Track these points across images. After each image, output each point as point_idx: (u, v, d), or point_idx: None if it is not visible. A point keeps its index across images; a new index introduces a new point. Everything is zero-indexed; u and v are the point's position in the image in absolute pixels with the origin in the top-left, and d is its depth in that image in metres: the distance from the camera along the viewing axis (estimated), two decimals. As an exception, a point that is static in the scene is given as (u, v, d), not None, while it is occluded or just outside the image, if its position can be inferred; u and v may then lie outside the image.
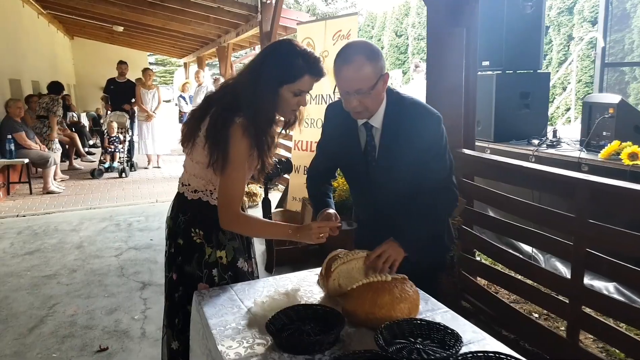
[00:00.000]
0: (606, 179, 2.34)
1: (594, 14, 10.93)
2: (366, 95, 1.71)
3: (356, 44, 1.75)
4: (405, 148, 1.81)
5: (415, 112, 1.83)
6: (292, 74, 1.69)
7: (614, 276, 2.46)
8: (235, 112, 1.68)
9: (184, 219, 1.86)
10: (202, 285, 1.83)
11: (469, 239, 3.29)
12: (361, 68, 1.67)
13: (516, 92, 4.43)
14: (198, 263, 1.84)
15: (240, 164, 1.69)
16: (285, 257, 4.47)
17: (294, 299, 1.59)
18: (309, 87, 1.74)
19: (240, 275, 1.89)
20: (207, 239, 1.84)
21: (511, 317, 2.98)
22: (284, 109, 1.77)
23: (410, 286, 1.54)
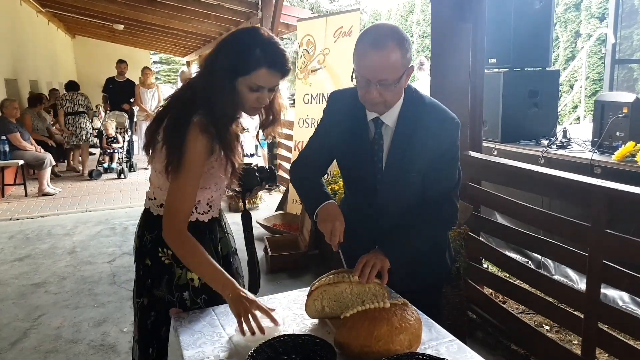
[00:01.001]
0: (625, 186, 2.16)
1: (602, 10, 10.70)
2: (389, 87, 1.52)
3: (388, 26, 1.54)
4: (419, 151, 1.63)
5: (435, 114, 1.65)
6: (246, 65, 1.50)
7: (635, 291, 2.27)
8: (193, 110, 1.51)
9: (150, 237, 1.69)
10: (175, 310, 1.65)
11: (475, 247, 3.12)
12: (391, 56, 1.47)
13: (524, 90, 4.25)
14: (168, 286, 1.66)
15: (195, 166, 1.51)
16: (282, 263, 4.30)
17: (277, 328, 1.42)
18: (267, 82, 1.53)
19: (217, 298, 1.66)
20: (176, 259, 1.64)
21: (521, 329, 2.81)
22: (243, 105, 1.58)
23: (411, 313, 1.37)
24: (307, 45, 5.31)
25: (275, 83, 1.57)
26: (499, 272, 3.27)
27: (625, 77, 9.55)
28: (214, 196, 1.74)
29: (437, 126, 1.63)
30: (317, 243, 4.45)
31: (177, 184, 1.52)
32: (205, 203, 1.72)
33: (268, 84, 1.54)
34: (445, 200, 1.71)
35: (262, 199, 6.64)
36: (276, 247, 4.49)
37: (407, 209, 1.72)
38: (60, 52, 14.71)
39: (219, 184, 1.70)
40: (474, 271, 3.13)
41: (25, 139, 7.19)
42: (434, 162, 1.64)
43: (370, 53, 1.48)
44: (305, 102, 5.43)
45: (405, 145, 1.64)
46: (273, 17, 7.11)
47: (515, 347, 2.89)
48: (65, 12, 11.65)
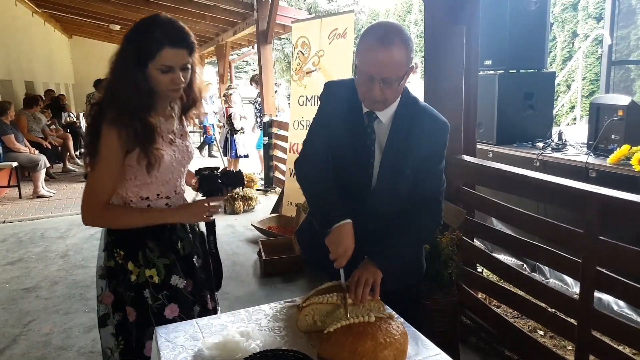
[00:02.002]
0: (618, 192, 2.12)
1: (599, 10, 10.68)
2: (392, 85, 1.51)
3: (393, 24, 1.54)
4: (412, 151, 1.64)
5: (428, 116, 1.68)
6: (149, 49, 1.53)
7: (629, 299, 2.24)
8: (108, 105, 1.56)
9: (110, 239, 1.72)
10: (129, 309, 1.68)
11: (469, 252, 3.09)
12: (398, 53, 1.47)
13: (520, 92, 4.22)
14: (123, 285, 1.70)
15: (109, 157, 1.57)
16: (276, 267, 4.26)
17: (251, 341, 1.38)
18: (174, 60, 1.56)
19: (178, 294, 1.72)
20: (131, 258, 1.68)
21: (514, 335, 2.78)
22: (159, 89, 1.61)
23: (397, 327, 1.34)
24: (302, 47, 5.28)
25: (183, 60, 1.58)
26: (493, 277, 3.24)
27: (622, 78, 9.54)
28: (164, 191, 1.74)
29: (430, 128, 1.65)
30: (311, 246, 4.41)
31: (92, 175, 1.60)
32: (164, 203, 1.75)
33: (177, 63, 1.56)
34: (432, 201, 1.72)
35: (257, 201, 6.60)
36: (270, 251, 4.45)
37: (398, 209, 1.72)
38: (57, 53, 14.67)
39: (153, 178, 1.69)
40: (468, 276, 3.10)
41: (19, 141, 7.15)
42: (424, 162, 1.66)
43: (377, 48, 1.46)
44: (300, 104, 5.40)
45: (400, 144, 1.65)
46: (269, 17, 7.08)
47: (509, 352, 2.86)
48: (61, 13, 11.61)
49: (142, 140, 1.58)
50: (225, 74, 12.38)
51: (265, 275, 4.23)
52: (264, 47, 7.41)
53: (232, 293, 3.92)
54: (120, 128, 1.53)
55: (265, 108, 7.50)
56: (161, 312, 1.69)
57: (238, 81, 11.93)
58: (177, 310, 1.72)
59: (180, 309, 1.72)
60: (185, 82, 1.63)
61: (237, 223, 5.85)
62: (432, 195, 1.72)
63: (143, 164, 1.62)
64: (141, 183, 1.68)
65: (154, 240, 1.72)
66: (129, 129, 1.55)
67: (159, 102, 1.68)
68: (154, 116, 1.65)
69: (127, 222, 1.67)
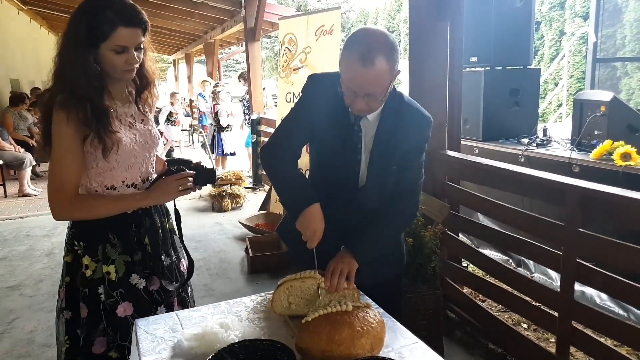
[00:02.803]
0: (599, 185, 2.15)
1: (586, 9, 10.79)
2: (375, 98, 1.51)
3: (378, 38, 1.45)
4: (398, 146, 1.65)
5: (413, 111, 1.68)
6: (102, 30, 1.47)
7: (608, 290, 2.27)
8: (58, 90, 1.52)
9: (71, 232, 1.67)
10: (81, 305, 1.63)
11: (454, 246, 3.11)
12: (381, 72, 1.43)
13: (505, 89, 4.25)
14: (80, 280, 1.63)
15: (64, 143, 1.51)
16: (263, 264, 4.26)
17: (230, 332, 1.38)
18: (129, 40, 1.51)
19: (135, 293, 1.66)
20: (89, 252, 1.62)
21: (498, 328, 2.81)
22: (114, 71, 1.55)
23: (374, 315, 1.34)
24: (289, 44, 5.27)
25: (138, 40, 1.54)
26: (477, 272, 3.26)
27: (608, 76, 9.63)
28: (128, 177, 1.68)
29: (415, 123, 1.66)
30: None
31: (52, 164, 1.54)
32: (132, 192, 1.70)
33: (131, 43, 1.53)
34: (409, 193, 1.73)
35: (245, 198, 6.59)
36: (257, 248, 4.45)
37: (377, 200, 1.72)
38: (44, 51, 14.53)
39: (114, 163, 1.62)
40: (453, 270, 3.12)
41: (4, 139, 7.08)
42: (406, 156, 1.67)
43: (358, 68, 1.43)
44: (287, 101, 5.39)
45: (388, 140, 1.65)
46: (257, 15, 7.07)
47: (493, 345, 2.88)
48: (47, 10, 11.51)
49: (95, 123, 1.52)
50: (214, 72, 12.35)
51: (252, 272, 4.23)
52: (252, 44, 7.39)
53: (219, 290, 3.91)
54: (69, 111, 1.48)
55: (254, 105, 7.48)
56: (113, 310, 1.63)
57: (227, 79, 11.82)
58: (130, 309, 1.66)
59: (135, 309, 1.66)
60: (139, 62, 1.59)
61: (224, 221, 5.85)
62: (409, 187, 1.73)
63: (99, 149, 1.55)
64: (103, 170, 1.61)
65: (117, 234, 1.65)
66: (79, 112, 1.49)
67: (113, 84, 1.63)
68: (109, 100, 1.60)
69: (100, 211, 1.60)
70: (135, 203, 1.65)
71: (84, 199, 1.60)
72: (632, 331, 2.11)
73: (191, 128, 13.50)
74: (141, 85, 1.71)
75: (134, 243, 1.69)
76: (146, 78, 1.70)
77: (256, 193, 7.25)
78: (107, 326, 1.63)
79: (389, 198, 1.72)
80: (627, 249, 2.01)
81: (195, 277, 4.12)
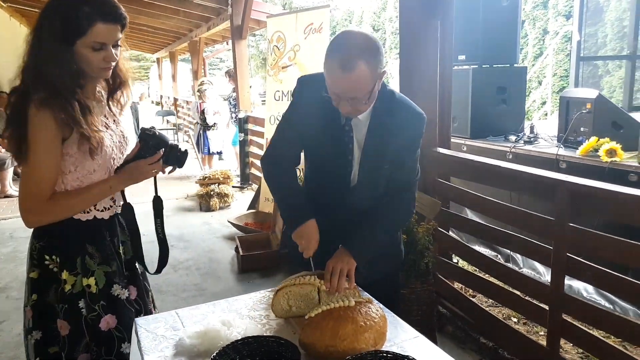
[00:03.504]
0: (588, 180, 2.20)
1: (569, 8, 10.93)
2: (360, 101, 1.50)
3: (355, 39, 1.46)
4: (390, 144, 1.65)
5: (405, 108, 1.68)
6: (79, 25, 1.40)
7: (597, 283, 2.32)
8: (34, 88, 1.42)
9: (38, 245, 1.54)
10: (60, 322, 1.53)
11: (445, 242, 3.14)
12: (362, 76, 1.43)
13: (493, 86, 4.31)
14: (56, 296, 1.53)
15: (46, 143, 1.42)
16: (253, 263, 4.26)
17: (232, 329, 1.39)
18: (107, 37, 1.45)
19: (118, 305, 1.60)
20: (67, 266, 1.53)
21: (489, 323, 2.84)
22: (90, 68, 1.48)
23: (376, 310, 1.36)
24: (278, 42, 5.27)
25: (116, 36, 1.48)
26: (468, 267, 3.30)
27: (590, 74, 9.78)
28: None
29: (407, 120, 1.66)
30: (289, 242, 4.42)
31: (28, 167, 1.44)
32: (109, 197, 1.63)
33: (109, 39, 1.46)
34: (406, 191, 1.74)
35: (233, 197, 6.57)
36: (247, 247, 4.45)
37: (373, 199, 1.73)
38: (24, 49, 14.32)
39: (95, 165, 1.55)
40: (444, 266, 3.16)
41: (-14, 139, 6.96)
42: (400, 154, 1.67)
43: (339, 74, 1.43)
44: (276, 99, 5.39)
45: (379, 139, 1.65)
46: (243, 13, 7.04)
47: (484, 339, 2.92)
48: (27, 7, 11.32)
49: (82, 122, 1.44)
50: (199, 70, 12.27)
51: (243, 271, 4.23)
52: (239, 42, 7.36)
53: (209, 289, 3.91)
54: (53, 109, 1.40)
55: (241, 104, 7.46)
56: (95, 324, 1.56)
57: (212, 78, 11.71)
58: (114, 321, 1.59)
59: (119, 320, 1.60)
60: (117, 59, 1.52)
61: (213, 220, 5.82)
62: (405, 185, 1.74)
63: (85, 149, 1.48)
64: (82, 175, 1.53)
65: (94, 245, 1.58)
66: (64, 111, 1.41)
67: (88, 83, 1.55)
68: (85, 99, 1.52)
69: (78, 207, 1.53)
70: (113, 188, 1.59)
71: (57, 200, 1.49)
72: (620, 322, 2.17)
73: (175, 127, 13.42)
74: (114, 85, 1.64)
75: (112, 251, 1.63)
76: (120, 77, 1.63)
77: (244, 192, 7.23)
78: (91, 341, 1.56)
79: (385, 196, 1.73)
80: (616, 242, 2.05)
81: (185, 277, 4.15)
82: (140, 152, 1.60)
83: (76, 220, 1.54)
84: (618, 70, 9.65)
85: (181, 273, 4.24)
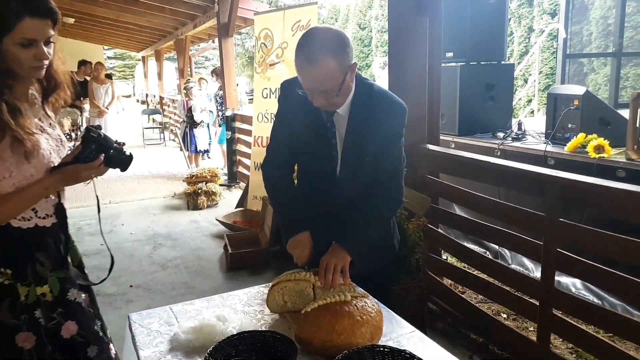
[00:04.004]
0: (577, 175, 2.22)
1: (554, 6, 11.04)
2: (332, 94, 1.54)
3: (319, 35, 1.53)
4: (371, 136, 1.67)
5: (384, 100, 1.70)
6: (6, 21, 1.31)
7: (587, 278, 2.34)
8: None
9: None
10: (24, 335, 1.42)
11: (434, 238, 3.15)
12: (326, 68, 1.48)
13: (481, 83, 4.32)
14: (12, 309, 1.42)
15: None
16: (242, 261, 4.24)
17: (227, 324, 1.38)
18: (37, 33, 1.35)
19: (76, 310, 1.51)
20: (19, 277, 1.43)
21: (479, 319, 2.86)
22: (20, 67, 1.39)
23: (372, 305, 1.36)
24: (265, 39, 5.25)
25: (47, 33, 1.39)
26: (458, 263, 3.31)
27: (575, 72, 9.90)
28: None
29: (386, 111, 1.68)
30: (278, 239, 4.41)
31: None
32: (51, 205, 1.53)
33: (40, 36, 1.37)
34: (391, 181, 1.75)
35: (221, 196, 6.54)
36: (236, 245, 4.43)
37: (360, 192, 1.74)
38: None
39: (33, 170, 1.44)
40: (433, 262, 3.17)
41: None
42: (382, 145, 1.69)
43: (306, 69, 1.50)
44: (264, 97, 5.37)
45: (359, 132, 1.68)
46: (230, 10, 7.01)
47: (474, 335, 2.94)
48: (11, 5, 11.17)
49: (10, 124, 1.35)
50: (185, 68, 12.18)
51: (232, 269, 4.21)
52: (226, 40, 7.33)
53: (198, 287, 3.88)
54: None
55: (228, 102, 7.42)
56: (57, 333, 1.47)
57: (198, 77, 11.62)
58: (75, 327, 1.51)
59: (80, 326, 1.51)
60: (50, 58, 1.43)
61: (200, 218, 5.79)
62: (391, 176, 1.75)
63: (20, 153, 1.38)
64: (19, 181, 1.42)
65: (43, 251, 1.50)
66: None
67: (18, 84, 1.45)
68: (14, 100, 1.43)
69: (10, 212, 1.42)
70: (45, 192, 1.47)
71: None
72: (609, 317, 2.19)
73: (162, 126, 13.32)
74: (49, 87, 1.55)
75: (61, 258, 1.55)
76: (55, 80, 1.54)
77: (231, 190, 7.20)
78: (54, 351, 1.47)
79: (373, 187, 1.73)
80: (606, 237, 2.07)
81: (173, 275, 4.12)
82: (81, 155, 1.46)
83: (17, 228, 1.45)
84: (603, 68, 9.77)
85: (170, 271, 4.21)
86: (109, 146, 1.51)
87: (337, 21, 19.70)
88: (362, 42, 18.15)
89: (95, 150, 1.47)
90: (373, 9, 17.50)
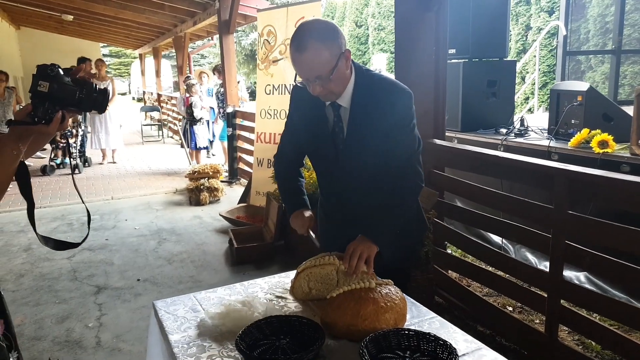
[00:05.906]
0: (585, 168, 2.25)
1: (551, 4, 11.09)
2: (327, 80, 1.58)
3: (308, 26, 1.59)
4: (375, 125, 1.68)
5: (385, 87, 1.70)
6: None
7: (596, 269, 2.38)
8: None
9: None
10: None
11: (440, 232, 3.18)
12: (316, 54, 1.54)
13: (483, 80, 4.36)
14: None
15: None
16: (247, 255, 4.28)
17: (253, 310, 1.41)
18: None
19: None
20: None
21: (486, 311, 2.90)
22: None
23: (396, 292, 1.40)
24: (268, 36, 5.27)
25: None
26: (463, 257, 3.35)
27: (573, 69, 9.95)
28: None
29: (389, 97, 1.68)
30: (282, 234, 4.44)
31: None
32: None
33: None
34: (407, 167, 1.73)
35: (223, 192, 6.55)
36: (241, 239, 4.46)
37: (372, 184, 1.76)
38: (4, 44, 14.06)
39: None
40: (439, 256, 3.20)
41: (-30, 133, 6.84)
42: (390, 132, 1.68)
43: (296, 56, 1.56)
44: (267, 93, 5.39)
45: (362, 122, 1.69)
46: (231, 7, 7.02)
47: (482, 327, 2.98)
48: (9, 2, 11.13)
49: None
50: (184, 65, 12.17)
51: (237, 263, 4.24)
52: (226, 37, 7.34)
53: (206, 281, 3.91)
54: None
55: (229, 99, 7.44)
56: None
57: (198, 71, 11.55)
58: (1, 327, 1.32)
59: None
60: None
61: (203, 214, 5.81)
62: (405, 162, 1.73)
63: None
64: None
65: None
66: None
67: None
68: None
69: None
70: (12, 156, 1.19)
71: None
72: (619, 307, 2.22)
73: (160, 122, 13.31)
74: None
75: None
76: None
77: (232, 187, 7.21)
78: None
79: (390, 176, 1.73)
80: (615, 229, 2.10)
81: (180, 269, 4.14)
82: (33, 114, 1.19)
83: None
84: (601, 66, 9.83)
85: (176, 265, 4.23)
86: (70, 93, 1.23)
87: (334, 19, 19.70)
88: (358, 39, 18.16)
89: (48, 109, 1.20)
90: (370, 7, 17.50)
